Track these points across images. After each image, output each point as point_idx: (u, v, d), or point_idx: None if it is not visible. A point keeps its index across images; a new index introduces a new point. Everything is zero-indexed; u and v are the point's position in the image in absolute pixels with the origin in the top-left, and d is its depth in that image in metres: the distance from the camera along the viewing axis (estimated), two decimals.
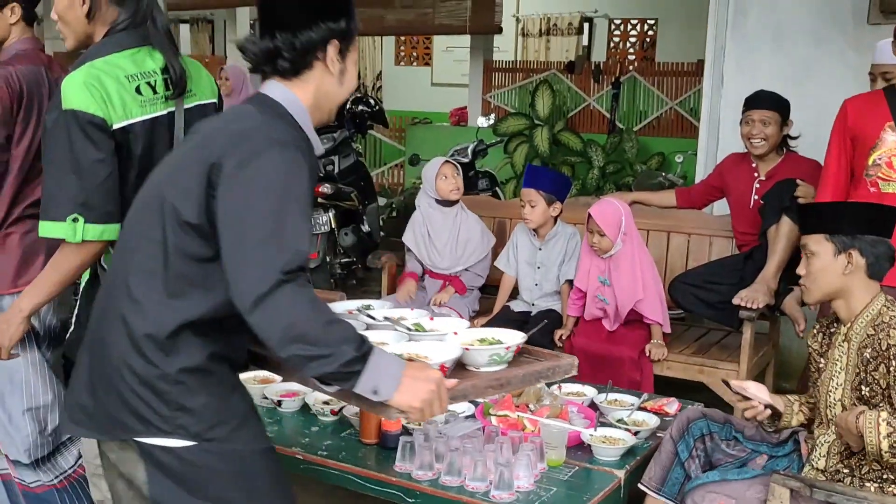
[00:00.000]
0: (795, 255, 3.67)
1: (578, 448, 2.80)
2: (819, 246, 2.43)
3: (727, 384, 2.69)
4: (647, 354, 3.85)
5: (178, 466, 1.78)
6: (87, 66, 2.15)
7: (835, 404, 2.47)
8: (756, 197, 3.98)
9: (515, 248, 4.36)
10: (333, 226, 6.11)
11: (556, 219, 4.22)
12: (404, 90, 12.80)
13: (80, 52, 2.31)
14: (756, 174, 4.03)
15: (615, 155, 8.02)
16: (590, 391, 3.28)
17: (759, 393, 2.63)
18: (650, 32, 11.61)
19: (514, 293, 4.42)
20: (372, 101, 7.49)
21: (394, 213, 7.63)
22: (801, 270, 2.51)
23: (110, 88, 2.13)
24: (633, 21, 11.68)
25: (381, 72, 13.47)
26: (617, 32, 11.82)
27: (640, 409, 3.14)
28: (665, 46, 11.14)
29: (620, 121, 8.47)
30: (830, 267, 2.42)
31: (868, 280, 2.43)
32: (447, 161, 4.33)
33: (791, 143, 4.00)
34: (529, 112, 8.36)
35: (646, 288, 3.87)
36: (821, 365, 2.56)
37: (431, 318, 2.32)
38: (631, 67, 8.89)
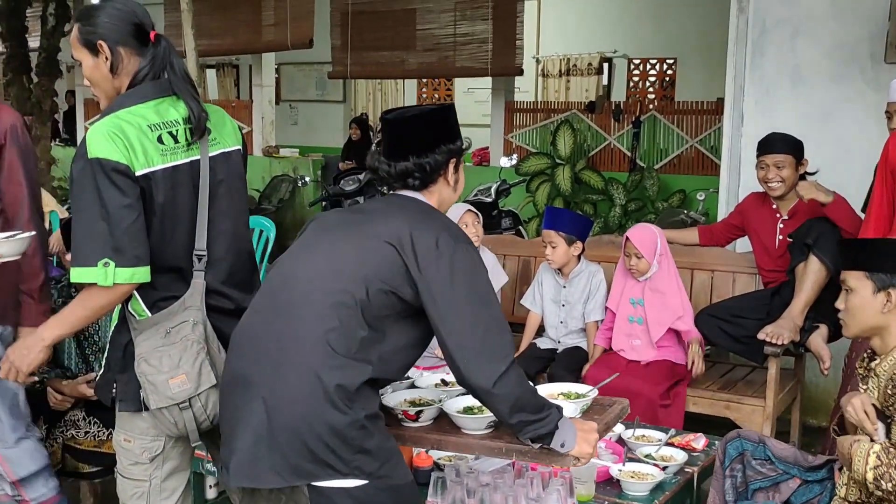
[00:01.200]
0: (822, 293, 3.73)
1: (607, 483, 2.84)
2: (858, 282, 2.45)
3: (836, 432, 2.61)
4: (690, 367, 3.92)
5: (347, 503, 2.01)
6: (111, 117, 2.22)
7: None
8: (781, 237, 4.03)
9: (540, 286, 4.43)
10: None
11: (579, 257, 4.30)
12: None
13: None
14: (778, 214, 4.08)
15: (636, 193, 8.09)
16: (617, 427, 3.32)
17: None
18: (669, 72, 11.74)
19: (540, 331, 4.48)
20: None
21: None
22: (839, 304, 2.53)
23: (132, 137, 2.19)
24: (652, 61, 11.82)
25: None
26: (636, 72, 11.96)
27: (668, 444, 3.17)
28: (684, 85, 11.25)
29: (641, 159, 8.56)
30: (869, 304, 2.44)
31: None
32: (469, 210, 4.40)
33: (809, 178, 4.04)
34: (551, 151, 8.47)
35: (683, 306, 3.98)
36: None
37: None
38: (651, 106, 9.00)
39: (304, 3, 9.77)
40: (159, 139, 2.24)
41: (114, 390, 2.36)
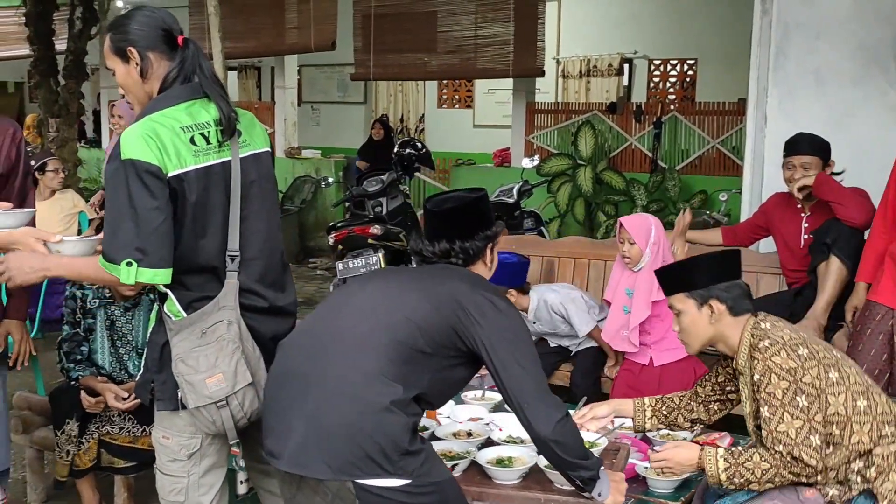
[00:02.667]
0: (845, 292, 3.75)
1: (633, 480, 2.87)
2: (683, 304, 2.62)
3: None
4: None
5: (392, 501, 2.14)
6: (145, 120, 2.27)
7: (752, 433, 2.64)
8: (806, 236, 4.05)
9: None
10: (383, 265, 6.26)
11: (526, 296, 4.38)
12: (446, 132, 13.03)
13: None
14: (803, 213, 4.10)
15: (658, 193, 8.11)
16: None
17: (597, 413, 2.90)
18: (690, 72, 11.73)
19: None
20: (419, 145, 7.70)
21: None
22: (675, 328, 2.70)
23: (165, 139, 2.23)
24: (672, 61, 11.82)
25: (423, 114, 13.73)
26: (657, 73, 11.96)
27: (693, 442, 3.20)
28: (705, 86, 11.24)
29: (662, 160, 8.58)
30: (698, 320, 2.60)
31: (735, 319, 2.58)
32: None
33: (837, 178, 4.06)
34: (572, 152, 8.51)
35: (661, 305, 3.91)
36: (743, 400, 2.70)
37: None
38: (672, 107, 9.01)
39: (327, 5, 9.87)
40: (192, 140, 2.29)
41: (152, 390, 2.43)
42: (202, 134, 2.32)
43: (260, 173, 2.44)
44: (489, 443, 2.96)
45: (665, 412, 2.90)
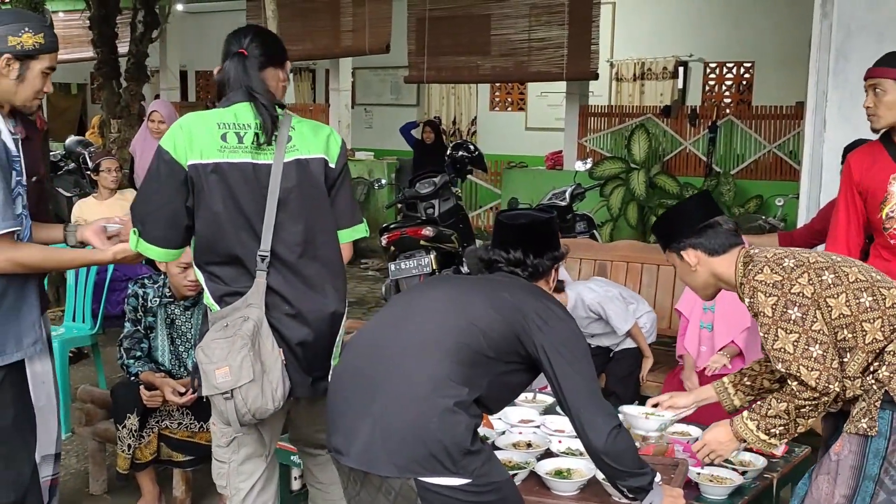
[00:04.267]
0: None
1: (686, 486, 2.86)
2: (672, 259, 2.67)
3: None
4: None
5: (453, 500, 2.18)
6: (192, 114, 2.52)
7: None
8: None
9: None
10: (434, 267, 6.31)
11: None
12: (498, 134, 13.04)
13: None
14: None
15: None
16: (694, 431, 3.34)
17: (676, 401, 2.92)
18: (746, 75, 11.57)
19: None
20: (472, 147, 7.74)
21: None
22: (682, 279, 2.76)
23: (194, 131, 2.40)
24: (728, 64, 11.67)
25: (475, 117, 13.76)
26: (712, 76, 11.82)
27: (746, 449, 3.17)
28: (762, 89, 11.08)
29: (717, 164, 8.48)
30: (684, 270, 2.66)
31: (721, 257, 2.57)
32: None
33: None
34: (625, 155, 8.46)
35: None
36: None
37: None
38: (727, 111, 8.90)
39: (382, 9, 9.96)
40: (223, 137, 2.41)
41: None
42: (237, 133, 2.42)
43: (302, 179, 2.48)
44: (548, 454, 2.99)
45: (748, 382, 2.85)
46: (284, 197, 2.44)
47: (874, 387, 2.39)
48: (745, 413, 2.53)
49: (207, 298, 2.50)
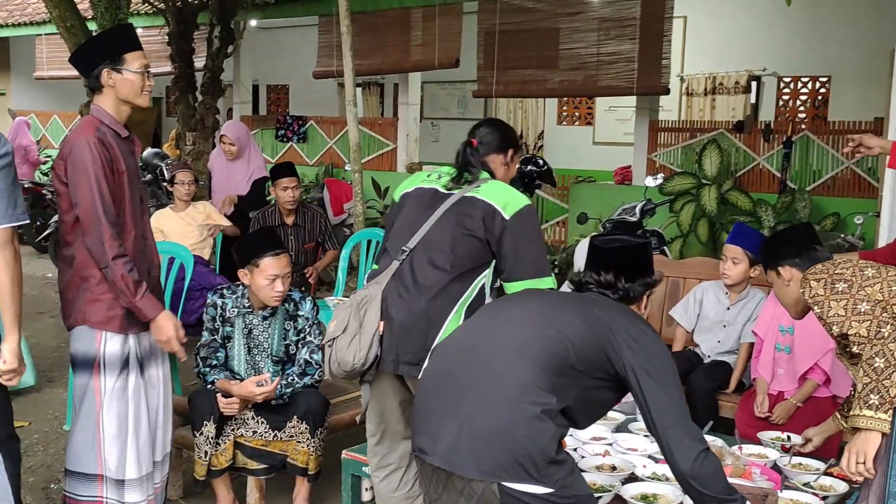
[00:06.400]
0: None
1: None
2: (770, 277, 3.05)
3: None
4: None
5: None
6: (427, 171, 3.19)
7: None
8: None
9: (698, 304, 4.41)
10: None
11: (748, 281, 4.27)
12: (565, 149, 12.97)
13: None
14: None
15: (787, 215, 7.85)
16: (772, 453, 3.28)
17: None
18: (822, 90, 11.32)
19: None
20: (541, 161, 7.71)
21: (556, 270, 7.75)
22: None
23: (417, 179, 3.13)
24: (803, 78, 11.43)
25: (542, 131, 13.73)
26: (786, 91, 11.59)
27: (826, 474, 3.10)
28: (838, 104, 10.82)
29: (792, 180, 8.30)
30: (780, 286, 3.01)
31: None
32: None
33: None
34: (696, 171, 8.34)
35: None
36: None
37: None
38: (803, 126, 8.71)
39: (452, 23, 10.02)
40: (428, 175, 3.11)
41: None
42: (438, 174, 3.10)
43: (454, 213, 2.94)
44: (633, 478, 2.97)
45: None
46: (441, 217, 2.93)
47: None
48: (857, 412, 2.55)
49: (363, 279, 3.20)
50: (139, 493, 3.27)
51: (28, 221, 2.86)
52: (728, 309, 4.29)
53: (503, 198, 2.94)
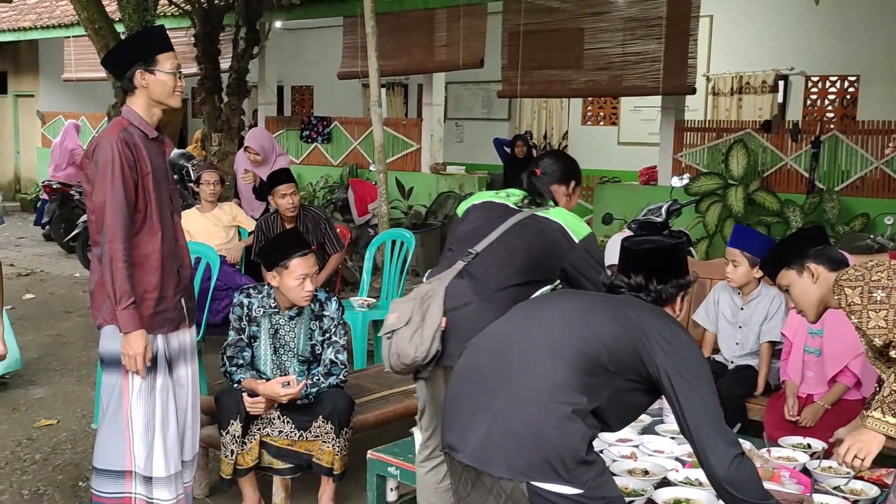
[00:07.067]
0: None
1: None
2: (787, 278, 2.91)
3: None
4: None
5: None
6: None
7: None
8: None
9: (716, 304, 4.38)
10: None
11: (759, 280, 4.22)
12: (590, 149, 12.92)
13: None
14: None
15: (815, 216, 7.78)
16: (801, 456, 3.24)
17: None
18: (851, 89, 11.19)
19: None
20: None
21: None
22: (791, 305, 2.99)
23: (485, 195, 3.21)
24: (832, 77, 11.31)
25: (566, 131, 13.68)
26: (814, 90, 11.47)
27: (856, 478, 3.06)
28: (867, 104, 10.69)
29: (820, 180, 8.21)
30: (804, 286, 2.88)
31: (834, 274, 2.81)
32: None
33: None
34: (722, 171, 8.28)
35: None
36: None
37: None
38: (831, 126, 8.62)
39: (476, 24, 10.02)
40: (496, 193, 3.23)
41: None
42: (507, 194, 3.19)
43: (515, 231, 3.03)
44: (665, 482, 2.95)
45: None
46: (507, 231, 3.01)
47: None
48: (872, 413, 2.57)
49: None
50: (168, 491, 3.29)
51: (4, 223, 3.01)
52: (742, 309, 4.26)
53: (571, 223, 3.07)
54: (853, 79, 11.11)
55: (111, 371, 3.24)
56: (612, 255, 4.61)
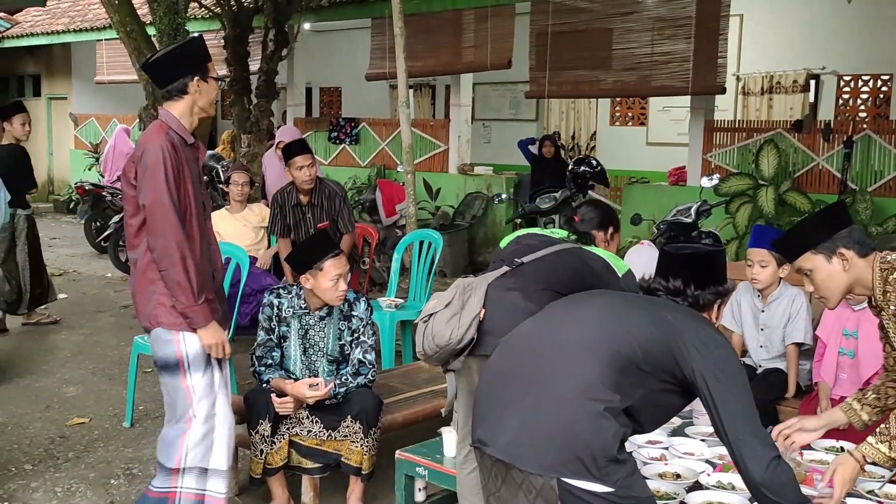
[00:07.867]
0: None
1: None
2: (811, 262, 2.69)
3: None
4: None
5: None
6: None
7: None
8: None
9: (738, 306, 4.34)
10: None
11: (780, 280, 4.19)
12: (618, 149, 12.86)
13: None
14: None
15: None
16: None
17: (805, 424, 2.91)
18: (884, 88, 11.04)
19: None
20: (594, 162, 7.66)
21: None
22: (808, 289, 2.76)
23: (531, 229, 3.48)
24: (864, 77, 11.16)
25: (595, 131, 13.63)
26: (846, 89, 11.33)
27: (891, 481, 3.02)
28: None
29: (853, 181, 8.11)
30: (833, 271, 2.68)
31: (865, 259, 2.67)
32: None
33: None
34: (752, 171, 8.20)
35: None
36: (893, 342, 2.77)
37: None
38: (864, 125, 8.51)
39: (504, 24, 10.01)
40: (542, 230, 3.47)
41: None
42: (552, 232, 3.39)
43: (579, 251, 3.22)
44: (697, 486, 2.93)
45: (874, 398, 2.91)
46: (551, 252, 3.17)
47: None
48: (870, 439, 2.56)
49: None
50: (224, 483, 3.31)
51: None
52: (763, 311, 4.22)
53: (613, 259, 3.23)
54: (886, 78, 10.97)
55: (169, 374, 3.25)
56: (635, 261, 4.59)
